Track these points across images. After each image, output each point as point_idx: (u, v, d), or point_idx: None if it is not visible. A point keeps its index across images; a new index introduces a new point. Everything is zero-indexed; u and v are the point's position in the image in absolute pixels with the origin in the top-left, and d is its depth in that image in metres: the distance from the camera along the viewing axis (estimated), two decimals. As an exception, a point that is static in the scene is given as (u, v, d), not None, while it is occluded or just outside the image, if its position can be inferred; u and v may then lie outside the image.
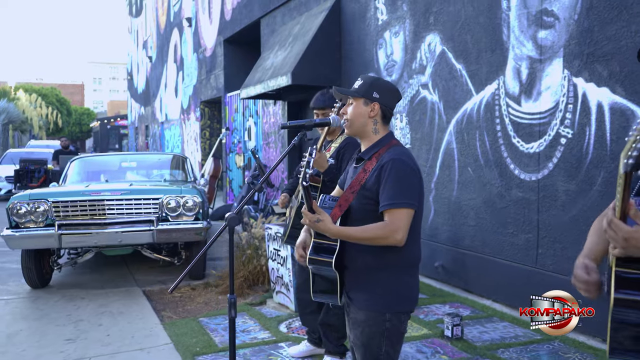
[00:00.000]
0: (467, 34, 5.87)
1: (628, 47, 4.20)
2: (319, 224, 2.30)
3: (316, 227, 2.31)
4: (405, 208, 2.33)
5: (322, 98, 3.93)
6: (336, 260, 2.42)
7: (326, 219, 2.31)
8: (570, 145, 4.71)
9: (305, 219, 2.32)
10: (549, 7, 4.88)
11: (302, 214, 2.33)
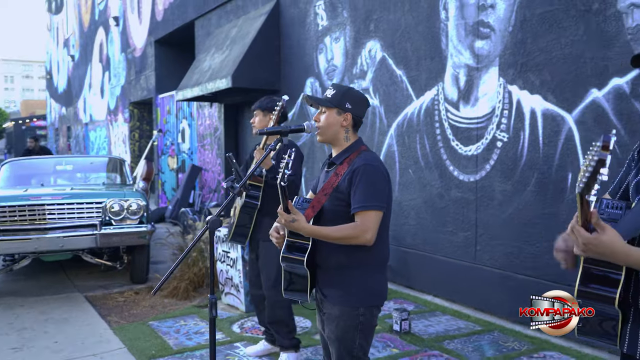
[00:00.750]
0: (407, 42, 6.14)
1: (558, 58, 4.57)
2: (294, 224, 2.43)
3: (291, 226, 2.44)
4: (375, 210, 2.50)
5: (265, 101, 4.09)
6: (308, 259, 2.55)
7: (301, 218, 2.44)
8: (506, 149, 5.05)
9: (281, 219, 2.44)
10: (485, 19, 5.21)
11: (278, 214, 2.44)
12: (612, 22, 4.16)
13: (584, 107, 4.39)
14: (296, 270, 2.61)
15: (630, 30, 4.05)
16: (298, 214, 2.45)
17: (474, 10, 5.31)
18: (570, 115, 4.49)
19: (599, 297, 1.72)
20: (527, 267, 4.87)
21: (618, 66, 4.14)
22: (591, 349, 4.32)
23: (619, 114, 4.15)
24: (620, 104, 4.14)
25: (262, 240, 4.09)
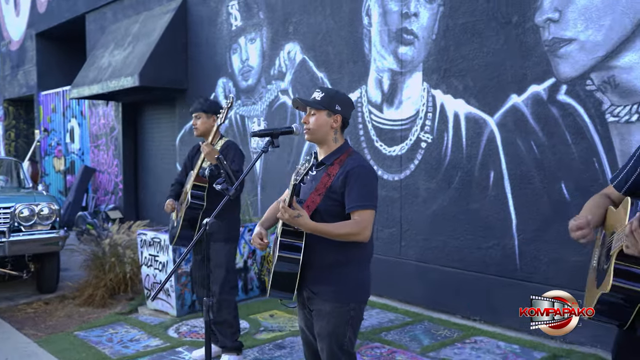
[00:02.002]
0: (329, 45, 6.31)
1: (480, 65, 4.94)
2: (299, 219, 2.49)
3: (295, 221, 2.49)
4: (371, 209, 2.62)
5: (207, 103, 4.10)
6: (303, 258, 2.62)
7: (304, 214, 2.50)
8: (430, 149, 5.37)
9: (284, 214, 2.48)
10: (408, 26, 5.50)
11: (282, 209, 2.48)
12: (531, 35, 4.58)
13: (504, 111, 4.79)
14: (287, 269, 2.65)
15: (547, 43, 4.49)
16: (302, 210, 2.50)
17: (397, 18, 5.58)
18: (492, 119, 4.88)
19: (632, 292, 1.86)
20: (452, 259, 5.22)
21: (536, 74, 4.57)
22: (512, 331, 4.73)
23: (537, 118, 4.58)
24: (538, 109, 4.57)
25: (210, 241, 4.05)
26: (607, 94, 4.18)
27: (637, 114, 4.04)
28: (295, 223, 2.51)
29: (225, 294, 4.07)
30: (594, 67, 4.24)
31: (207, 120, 4.11)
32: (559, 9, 4.41)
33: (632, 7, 4.02)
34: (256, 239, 2.82)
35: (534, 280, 4.66)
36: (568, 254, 4.43)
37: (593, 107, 4.27)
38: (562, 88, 4.43)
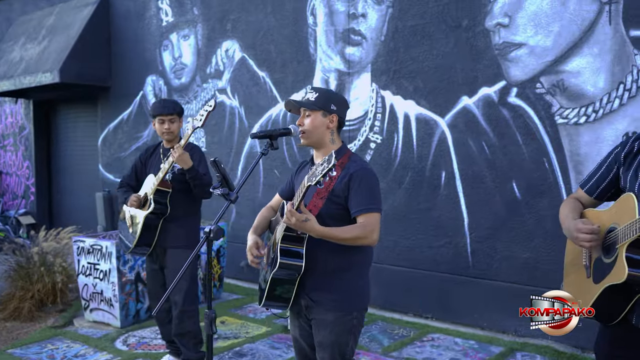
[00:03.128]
0: (271, 44, 6.19)
1: (430, 67, 5.03)
2: (306, 224, 2.38)
3: (303, 226, 2.38)
4: (377, 212, 2.56)
5: (170, 104, 3.89)
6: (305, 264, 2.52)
7: (312, 218, 2.40)
8: (380, 150, 5.40)
9: (291, 218, 2.36)
10: (356, 27, 5.50)
11: (289, 213, 2.36)
12: (481, 38, 4.72)
13: (455, 112, 4.90)
14: (287, 277, 2.55)
15: (498, 47, 4.64)
16: (309, 214, 2.40)
17: (344, 18, 5.57)
18: (443, 120, 4.98)
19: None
20: (403, 259, 5.28)
21: (487, 77, 4.71)
22: (465, 327, 4.85)
23: (488, 119, 4.72)
24: (489, 110, 4.71)
25: (170, 248, 3.86)
26: (557, 97, 4.38)
27: (585, 117, 4.26)
28: (302, 228, 2.40)
29: (189, 304, 3.87)
30: (543, 71, 4.43)
31: (179, 124, 3.91)
32: (509, 14, 4.56)
33: (580, 14, 4.23)
34: (253, 251, 2.68)
35: (486, 277, 4.81)
36: (519, 250, 4.60)
37: (543, 110, 4.45)
38: (512, 91, 4.59)
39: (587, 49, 4.23)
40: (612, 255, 2.06)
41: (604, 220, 2.16)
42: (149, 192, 3.79)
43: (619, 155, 2.23)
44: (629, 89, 4.06)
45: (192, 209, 3.98)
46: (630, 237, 1.97)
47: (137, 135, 7.86)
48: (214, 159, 2.52)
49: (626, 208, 2.03)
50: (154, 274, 4.02)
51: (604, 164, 2.30)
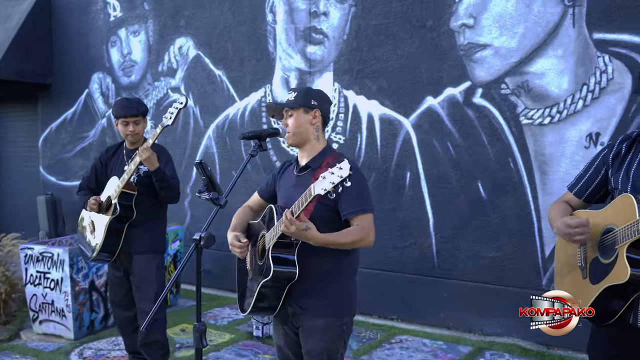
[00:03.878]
0: (228, 42, 6.02)
1: (394, 67, 5.00)
2: (307, 232, 2.27)
3: (303, 235, 2.27)
4: (371, 213, 2.49)
5: (134, 105, 3.68)
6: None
7: (313, 227, 2.30)
8: (343, 150, 5.32)
9: (290, 227, 2.25)
10: (317, 25, 5.41)
11: (288, 222, 2.25)
12: (446, 39, 4.72)
13: (420, 112, 4.89)
14: (277, 285, 2.44)
15: (462, 47, 4.65)
16: (309, 222, 2.30)
17: (305, 17, 5.47)
18: (408, 120, 4.96)
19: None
20: (367, 260, 5.22)
21: (452, 77, 4.72)
22: (431, 327, 4.85)
23: (454, 119, 4.73)
24: (454, 111, 4.72)
25: (135, 253, 3.66)
26: (521, 97, 4.43)
27: (549, 117, 4.33)
28: (302, 236, 2.29)
29: (157, 313, 3.65)
30: (508, 72, 4.47)
31: (144, 125, 3.72)
32: (474, 15, 4.59)
33: (544, 16, 4.30)
34: (235, 243, 2.56)
35: (452, 277, 4.82)
36: (485, 250, 4.64)
37: (508, 110, 4.50)
38: (477, 91, 4.61)
39: (551, 50, 4.29)
40: (610, 256, 2.05)
41: (598, 221, 2.15)
42: (112, 195, 3.57)
43: (607, 158, 2.23)
44: (592, 91, 4.15)
45: (158, 213, 3.79)
46: (632, 238, 1.97)
47: (82, 136, 7.50)
48: (200, 160, 2.37)
49: (624, 209, 2.03)
50: (118, 281, 3.80)
51: (591, 166, 2.30)
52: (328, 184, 2.11)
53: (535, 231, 4.42)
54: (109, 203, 3.61)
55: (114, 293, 3.86)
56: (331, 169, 2.14)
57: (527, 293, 4.39)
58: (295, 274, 2.40)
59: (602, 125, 4.13)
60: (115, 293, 3.85)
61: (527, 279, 4.46)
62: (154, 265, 3.68)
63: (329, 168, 2.49)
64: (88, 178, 3.91)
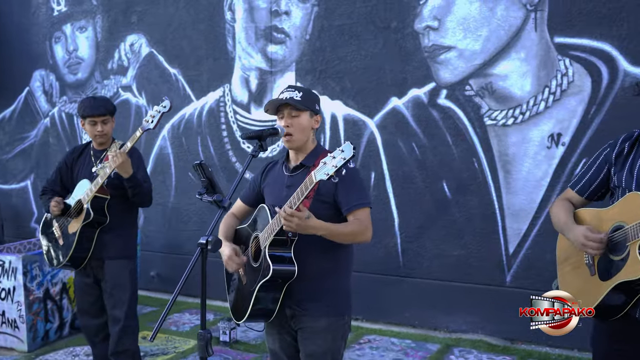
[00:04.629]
0: (184, 40, 5.86)
1: (358, 68, 5.00)
2: (309, 220, 2.23)
3: (306, 224, 2.23)
4: (369, 207, 2.47)
5: (102, 104, 3.50)
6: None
7: (312, 215, 2.26)
8: (306, 150, 5.28)
9: (292, 220, 2.20)
10: (278, 24, 5.35)
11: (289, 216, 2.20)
12: (410, 40, 4.77)
13: (385, 113, 4.92)
14: (275, 286, 2.38)
15: (427, 49, 4.71)
16: (308, 210, 2.25)
17: (266, 15, 5.40)
18: (372, 120, 4.98)
19: None
20: (331, 261, 5.21)
21: (416, 79, 4.77)
22: (397, 326, 4.89)
23: (418, 120, 4.79)
24: (419, 112, 4.78)
25: (107, 259, 3.49)
26: (485, 99, 4.53)
27: (512, 118, 4.45)
28: (305, 226, 2.23)
29: (130, 320, 3.54)
30: (472, 74, 4.56)
31: (112, 124, 3.55)
32: (438, 18, 4.65)
33: (507, 20, 4.41)
34: (234, 259, 2.48)
35: (417, 275, 4.87)
36: (450, 249, 4.71)
37: (472, 111, 4.59)
38: (442, 92, 4.69)
39: (514, 53, 4.41)
40: (621, 253, 2.10)
41: (604, 219, 2.21)
42: (84, 199, 3.39)
43: (610, 156, 2.29)
44: (554, 93, 4.30)
45: (130, 217, 3.63)
46: None
47: (22, 136, 7.11)
48: (200, 161, 2.28)
49: (633, 206, 2.09)
50: (86, 288, 3.60)
51: (593, 165, 2.35)
52: (330, 167, 2.08)
53: (500, 229, 4.53)
54: (79, 208, 3.43)
55: (82, 300, 3.66)
56: (331, 153, 2.11)
57: (492, 290, 4.59)
58: (294, 271, 2.36)
59: (563, 126, 4.28)
60: (83, 300, 3.65)
61: (492, 276, 4.57)
62: (127, 271, 3.53)
63: None
64: (52, 181, 3.70)
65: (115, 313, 3.48)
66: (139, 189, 3.40)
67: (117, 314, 3.47)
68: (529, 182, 4.41)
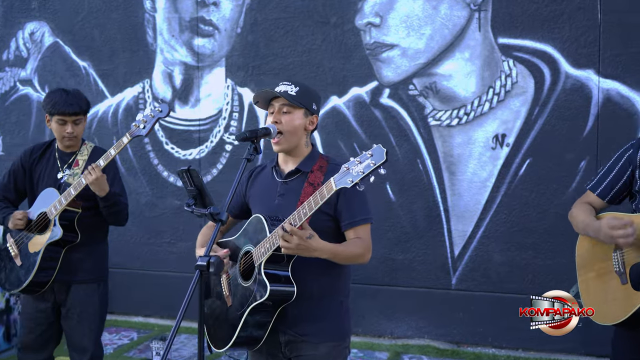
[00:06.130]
0: (95, 29, 5.29)
1: (295, 64, 4.74)
2: (311, 241, 1.97)
3: (307, 245, 1.96)
4: (371, 223, 2.24)
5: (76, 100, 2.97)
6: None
7: (315, 234, 1.99)
8: (238, 152, 4.95)
9: (292, 240, 1.93)
10: (206, 16, 4.96)
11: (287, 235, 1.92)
12: (351, 37, 4.58)
13: (324, 113, 4.69)
14: (267, 309, 2.09)
15: (369, 46, 4.55)
16: (310, 229, 1.98)
17: (192, 6, 4.99)
18: (311, 120, 4.73)
19: None
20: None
21: (358, 77, 4.60)
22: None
23: (360, 120, 4.61)
24: (360, 111, 4.61)
25: (75, 283, 3.00)
26: (429, 99, 4.44)
27: (457, 119, 4.39)
28: (305, 247, 1.96)
29: (99, 349, 3.12)
30: (416, 73, 4.46)
31: (84, 125, 3.05)
32: (380, 14, 4.51)
33: (451, 19, 4.35)
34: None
35: (360, 281, 4.66)
36: (394, 252, 4.59)
37: (416, 111, 4.49)
38: (385, 92, 4.55)
39: (458, 53, 4.36)
40: None
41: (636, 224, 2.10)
42: (51, 212, 2.86)
43: (634, 158, 2.20)
44: (498, 93, 4.29)
45: (101, 232, 3.15)
46: None
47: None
48: (188, 167, 1.94)
49: None
50: (39, 316, 3.05)
51: (615, 166, 2.25)
52: (357, 174, 1.81)
53: (445, 232, 4.47)
54: (44, 222, 2.90)
55: (27, 331, 3.09)
56: (356, 157, 1.84)
57: (437, 293, 4.52)
58: (293, 293, 2.08)
59: (508, 127, 4.29)
60: (29, 331, 3.08)
61: (437, 279, 4.50)
62: (96, 296, 3.06)
63: (321, 172, 2.20)
64: (4, 186, 3.13)
65: (83, 343, 3.02)
66: (117, 208, 2.94)
67: (86, 344, 3.02)
68: (474, 183, 4.38)
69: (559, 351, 4.20)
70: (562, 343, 4.12)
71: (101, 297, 3.10)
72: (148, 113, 2.81)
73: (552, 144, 4.19)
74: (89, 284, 3.03)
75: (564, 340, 4.07)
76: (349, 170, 1.83)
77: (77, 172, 2.91)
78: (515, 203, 4.28)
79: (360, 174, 1.81)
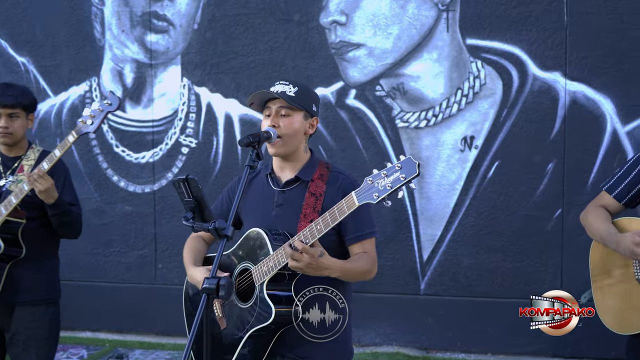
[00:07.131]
0: (36, 23, 4.89)
1: (257, 63, 4.54)
2: (322, 259, 1.80)
3: (317, 263, 1.78)
4: (375, 236, 2.09)
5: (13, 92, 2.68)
6: None
7: (326, 252, 1.82)
8: (195, 155, 4.70)
9: (302, 259, 1.76)
10: (160, 10, 4.67)
11: (296, 254, 1.74)
12: (315, 35, 4.42)
13: (288, 113, 4.50)
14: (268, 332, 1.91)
15: (334, 45, 4.40)
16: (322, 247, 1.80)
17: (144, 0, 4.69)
18: (273, 121, 4.54)
19: None
20: (228, 278, 4.68)
21: (323, 77, 4.44)
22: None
23: (326, 122, 4.46)
24: (325, 112, 4.45)
25: (20, 305, 2.68)
26: (397, 100, 4.34)
27: (425, 120, 4.31)
28: (316, 266, 1.79)
29: None
30: (383, 74, 4.35)
31: (26, 122, 2.70)
32: (346, 13, 4.37)
33: (419, 19, 4.26)
34: None
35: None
36: (361, 258, 4.45)
37: (383, 113, 4.38)
38: (351, 92, 4.41)
39: (426, 53, 4.28)
40: None
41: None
42: None
43: None
44: (466, 95, 4.24)
45: (52, 246, 2.82)
46: None
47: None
48: (186, 176, 1.71)
49: None
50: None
51: (634, 168, 2.15)
52: (383, 188, 1.64)
53: (413, 236, 4.37)
54: None
55: None
56: (383, 170, 1.68)
57: (405, 299, 4.42)
58: (297, 313, 1.90)
59: (476, 129, 4.24)
60: None
61: (406, 284, 4.40)
62: (46, 320, 2.73)
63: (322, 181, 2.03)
64: None
65: None
66: (68, 218, 2.64)
67: None
68: (443, 186, 4.31)
69: (528, 354, 4.18)
70: (531, 345, 4.12)
71: (51, 321, 2.78)
72: (96, 107, 2.58)
73: (520, 146, 4.17)
74: (38, 306, 2.70)
75: (533, 342, 4.10)
76: (374, 183, 1.67)
77: (22, 178, 2.60)
78: (483, 206, 4.24)
79: (389, 188, 1.66)
